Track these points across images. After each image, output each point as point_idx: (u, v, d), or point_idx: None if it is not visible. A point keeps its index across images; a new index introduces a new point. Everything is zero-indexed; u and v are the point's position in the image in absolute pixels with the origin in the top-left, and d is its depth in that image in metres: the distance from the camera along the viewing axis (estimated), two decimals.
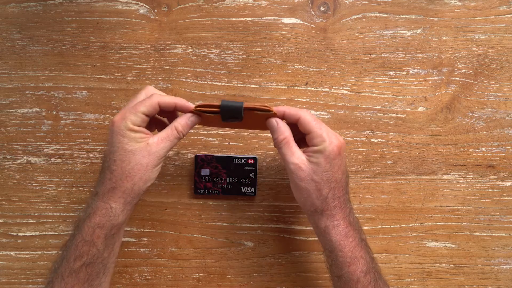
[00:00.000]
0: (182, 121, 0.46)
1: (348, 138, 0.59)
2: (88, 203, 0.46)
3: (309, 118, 0.46)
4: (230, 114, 0.46)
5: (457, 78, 0.60)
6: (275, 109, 0.46)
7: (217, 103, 0.46)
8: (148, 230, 0.59)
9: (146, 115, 0.45)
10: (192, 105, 0.46)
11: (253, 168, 0.57)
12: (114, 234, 0.45)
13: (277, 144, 0.46)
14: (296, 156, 0.45)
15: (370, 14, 0.60)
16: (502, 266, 0.60)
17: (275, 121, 0.46)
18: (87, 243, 0.44)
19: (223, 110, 0.46)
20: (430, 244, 0.59)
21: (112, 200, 0.44)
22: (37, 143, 0.58)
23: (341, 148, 0.45)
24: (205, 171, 0.57)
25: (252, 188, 0.58)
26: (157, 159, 0.45)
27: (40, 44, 0.59)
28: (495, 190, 0.60)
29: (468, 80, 0.60)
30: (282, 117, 0.47)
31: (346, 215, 0.46)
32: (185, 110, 0.47)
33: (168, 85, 0.59)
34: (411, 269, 0.59)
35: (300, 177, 0.45)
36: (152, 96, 0.45)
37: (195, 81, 0.59)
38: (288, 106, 0.47)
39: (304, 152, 0.46)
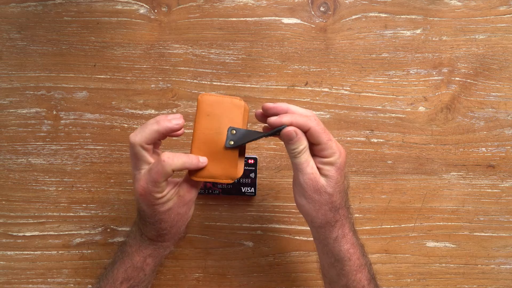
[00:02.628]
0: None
1: (348, 138, 0.59)
2: (133, 232, 0.48)
3: (319, 129, 0.43)
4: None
5: (457, 78, 0.60)
6: (282, 120, 0.42)
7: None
8: None
9: (166, 180, 0.44)
10: (203, 161, 0.44)
11: (253, 168, 0.57)
12: (161, 261, 0.50)
13: (298, 153, 0.43)
14: (311, 166, 0.43)
15: (370, 14, 0.60)
16: (502, 266, 0.60)
17: (294, 131, 0.42)
18: (137, 269, 0.47)
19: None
20: (430, 244, 0.59)
21: (162, 241, 0.47)
22: (37, 143, 0.58)
23: (346, 158, 0.45)
24: None
25: (252, 188, 0.58)
26: (189, 206, 0.46)
27: (40, 44, 0.59)
28: (495, 190, 0.60)
29: (468, 80, 0.60)
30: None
31: (351, 224, 0.46)
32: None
33: (168, 85, 0.59)
34: (411, 269, 0.59)
35: (314, 188, 0.43)
36: (162, 164, 0.42)
37: (195, 81, 0.59)
38: (293, 115, 0.43)
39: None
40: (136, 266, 0.47)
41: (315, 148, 0.44)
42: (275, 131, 0.43)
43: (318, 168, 0.43)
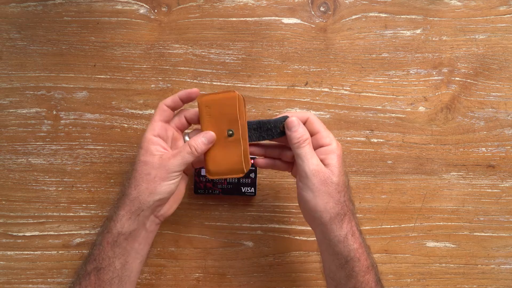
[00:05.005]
0: (196, 137, 0.46)
1: (348, 138, 0.59)
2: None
3: (316, 118, 0.46)
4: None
5: (457, 78, 0.60)
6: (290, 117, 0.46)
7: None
8: None
9: (162, 121, 0.46)
10: (195, 89, 0.46)
11: (253, 168, 0.57)
12: (121, 243, 0.45)
13: (301, 143, 0.44)
14: (316, 158, 0.44)
15: (370, 14, 0.60)
16: (502, 266, 0.60)
17: (296, 120, 0.45)
18: (98, 247, 0.45)
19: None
20: (430, 244, 0.59)
21: (121, 207, 0.45)
22: (37, 143, 0.58)
23: (342, 151, 0.46)
24: None
25: (252, 188, 0.57)
26: (166, 173, 0.44)
27: (40, 44, 0.59)
28: (495, 190, 0.60)
29: (468, 80, 0.60)
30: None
31: (357, 222, 0.46)
32: (190, 97, 0.46)
33: (168, 85, 0.59)
34: (411, 269, 0.59)
35: (321, 179, 0.43)
36: (158, 104, 0.47)
37: (195, 81, 0.59)
38: (292, 112, 0.47)
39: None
40: (98, 244, 0.45)
41: (314, 138, 0.46)
42: (278, 120, 0.46)
43: (321, 159, 0.45)
